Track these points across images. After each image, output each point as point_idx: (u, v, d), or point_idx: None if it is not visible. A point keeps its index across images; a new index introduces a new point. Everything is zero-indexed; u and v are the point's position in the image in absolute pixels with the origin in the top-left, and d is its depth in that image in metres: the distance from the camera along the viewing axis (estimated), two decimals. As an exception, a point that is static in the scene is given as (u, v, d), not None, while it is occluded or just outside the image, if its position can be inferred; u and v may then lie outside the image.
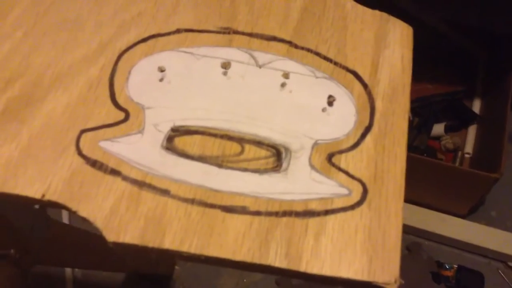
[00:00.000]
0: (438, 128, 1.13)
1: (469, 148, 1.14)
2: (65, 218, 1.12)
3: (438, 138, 1.14)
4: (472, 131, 1.16)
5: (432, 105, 1.15)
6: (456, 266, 1.03)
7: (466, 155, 1.13)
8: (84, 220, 0.34)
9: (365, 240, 0.33)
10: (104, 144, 0.37)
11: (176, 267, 1.09)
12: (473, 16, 1.12)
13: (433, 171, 0.97)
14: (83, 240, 0.79)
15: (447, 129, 1.14)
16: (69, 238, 0.76)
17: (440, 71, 1.16)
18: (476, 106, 1.20)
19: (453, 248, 1.07)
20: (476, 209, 1.10)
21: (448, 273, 1.02)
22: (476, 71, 1.23)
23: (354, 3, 0.43)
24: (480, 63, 1.23)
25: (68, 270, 1.07)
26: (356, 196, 0.34)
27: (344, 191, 0.34)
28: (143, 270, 1.00)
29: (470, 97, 1.20)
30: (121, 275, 1.08)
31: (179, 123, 0.38)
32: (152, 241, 0.33)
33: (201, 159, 0.36)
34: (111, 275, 1.08)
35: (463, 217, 1.09)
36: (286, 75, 0.39)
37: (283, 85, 0.39)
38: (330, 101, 0.38)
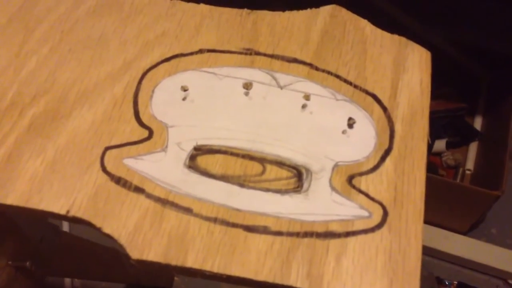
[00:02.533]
0: (440, 144, 1.14)
1: (470, 164, 1.15)
2: (65, 226, 1.12)
3: (439, 154, 1.15)
4: (473, 147, 1.17)
5: (434, 121, 1.16)
6: (456, 282, 1.03)
7: (467, 172, 1.13)
8: (108, 236, 0.35)
9: (385, 262, 0.33)
10: (128, 162, 0.37)
11: (176, 278, 1.09)
12: (476, 36, 1.13)
13: (434, 187, 0.97)
14: (89, 251, 0.80)
15: (449, 146, 1.15)
16: (76, 249, 0.76)
17: (443, 88, 1.17)
18: (478, 123, 1.21)
19: (453, 264, 1.07)
20: (477, 226, 1.11)
21: None
22: (478, 88, 1.24)
23: (373, 27, 0.44)
24: (482, 81, 1.24)
25: (67, 280, 1.07)
26: (376, 219, 0.35)
27: (364, 213, 0.35)
28: (144, 281, 1.01)
29: (472, 114, 1.21)
30: (120, 286, 1.08)
31: (201, 142, 0.38)
32: (175, 259, 0.33)
33: (223, 178, 0.37)
34: (109, 285, 1.08)
35: (463, 233, 1.09)
36: (307, 97, 0.40)
37: (304, 106, 0.40)
38: (350, 123, 0.39)
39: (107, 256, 0.86)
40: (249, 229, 0.34)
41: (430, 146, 1.13)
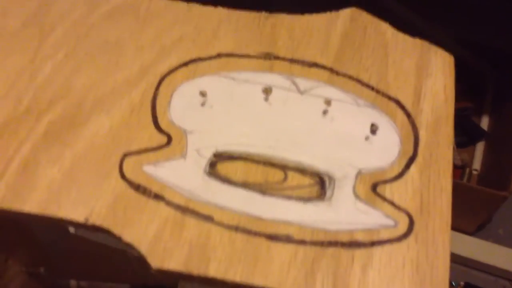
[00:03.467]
0: (446, 144, 1.13)
1: (477, 164, 1.13)
2: (71, 228, 1.12)
3: (446, 154, 1.13)
4: (480, 147, 1.16)
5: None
6: (463, 283, 1.02)
7: (474, 172, 1.12)
8: (129, 245, 0.34)
9: (413, 273, 0.32)
10: (147, 169, 0.37)
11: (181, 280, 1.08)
12: (483, 34, 1.12)
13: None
14: (97, 252, 0.79)
15: (455, 145, 1.14)
16: (84, 251, 0.76)
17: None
18: (485, 123, 1.19)
19: (460, 265, 1.06)
20: (484, 226, 1.10)
21: None
22: (485, 88, 1.23)
23: (395, 31, 0.43)
24: (489, 80, 1.23)
25: (73, 283, 1.07)
26: (402, 228, 0.34)
27: (390, 222, 0.34)
28: (151, 282, 1.01)
29: (479, 114, 1.20)
30: (126, 286, 1.07)
31: (221, 148, 0.38)
32: (196, 269, 0.33)
33: (244, 185, 0.36)
34: (115, 286, 1.08)
35: (470, 234, 1.08)
36: (328, 102, 0.39)
37: (325, 112, 0.39)
38: (373, 129, 0.38)
39: (115, 257, 0.86)
40: (272, 237, 0.34)
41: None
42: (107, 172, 0.36)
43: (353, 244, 0.33)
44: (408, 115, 0.39)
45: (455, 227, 1.04)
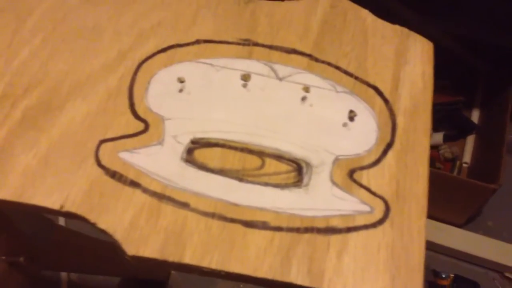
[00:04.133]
0: (437, 137, 1.14)
1: (467, 157, 1.15)
2: (61, 220, 1.11)
3: (436, 147, 1.14)
4: (470, 141, 1.17)
5: (431, 114, 1.16)
6: (453, 275, 1.03)
7: (464, 165, 1.14)
8: (103, 232, 0.34)
9: (387, 258, 0.32)
10: (123, 155, 0.36)
11: (172, 272, 1.08)
12: (474, 28, 1.13)
13: (431, 180, 0.96)
14: (85, 245, 0.79)
15: (446, 138, 1.15)
16: (72, 243, 0.75)
17: (440, 80, 1.16)
18: (475, 116, 1.21)
19: (449, 257, 1.07)
20: (473, 219, 1.11)
21: (445, 282, 1.02)
22: (476, 81, 1.24)
23: (374, 17, 0.43)
24: (480, 74, 1.24)
25: (63, 273, 1.06)
26: (378, 214, 0.34)
27: (366, 208, 0.34)
28: (141, 275, 1.00)
29: (469, 107, 1.21)
30: (116, 280, 1.07)
31: (199, 135, 0.37)
32: (172, 255, 0.33)
33: (221, 172, 0.36)
34: (106, 279, 1.07)
35: (460, 226, 1.09)
36: (306, 89, 0.39)
37: (303, 98, 0.39)
38: (351, 116, 0.38)
39: (104, 250, 0.85)
40: (248, 224, 0.34)
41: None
42: (82, 158, 0.36)
43: (329, 230, 0.33)
44: (386, 101, 0.39)
45: (445, 220, 1.06)
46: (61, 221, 1.10)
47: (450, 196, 1.00)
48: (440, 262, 1.05)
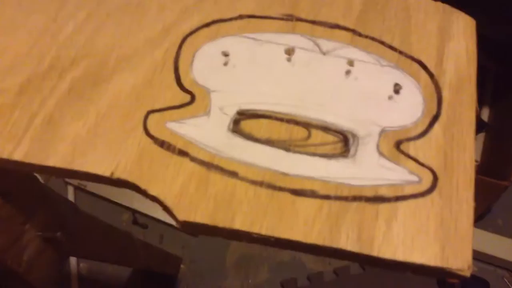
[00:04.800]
0: (446, 136, 1.13)
1: (477, 155, 1.14)
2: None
3: (446, 145, 1.14)
4: (480, 139, 1.17)
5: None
6: (462, 273, 1.02)
7: (474, 163, 1.13)
8: (154, 199, 0.34)
9: (437, 227, 0.33)
10: (171, 126, 0.37)
11: (182, 266, 1.09)
12: (483, 25, 1.12)
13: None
14: (105, 233, 0.80)
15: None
16: (94, 229, 0.76)
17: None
18: (485, 114, 1.20)
19: None
20: (483, 216, 1.10)
21: (453, 280, 1.01)
22: (486, 79, 1.23)
23: (417, -6, 0.43)
24: (490, 72, 1.23)
25: (73, 266, 1.07)
26: (426, 184, 0.34)
27: (414, 178, 0.34)
28: (153, 267, 1.00)
29: (479, 105, 1.20)
30: (126, 273, 1.08)
31: (245, 106, 0.38)
32: (222, 221, 0.33)
33: (268, 142, 0.36)
34: (115, 272, 1.08)
35: (470, 224, 1.08)
36: (351, 63, 0.39)
37: (348, 72, 0.39)
38: (397, 89, 0.38)
39: (121, 239, 0.86)
40: (297, 192, 0.34)
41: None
42: (131, 128, 0.37)
43: (378, 199, 0.34)
44: (431, 75, 0.39)
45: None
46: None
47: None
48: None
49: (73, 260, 1.08)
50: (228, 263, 1.10)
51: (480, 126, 1.16)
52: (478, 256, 1.06)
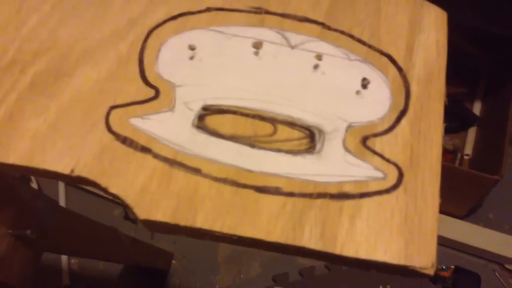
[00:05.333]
0: (438, 129, 1.13)
1: (468, 149, 1.14)
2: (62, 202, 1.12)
3: (437, 139, 1.14)
4: (472, 133, 1.17)
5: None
6: (453, 267, 1.03)
7: (466, 157, 1.13)
8: (115, 197, 0.34)
9: (401, 223, 0.32)
10: (134, 121, 0.36)
11: (173, 261, 1.08)
12: (476, 19, 1.11)
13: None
14: (88, 229, 0.79)
15: (447, 130, 1.14)
16: (76, 226, 0.75)
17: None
18: (477, 108, 1.20)
19: (450, 249, 1.07)
20: (475, 210, 1.11)
21: (445, 274, 1.02)
22: (478, 73, 1.23)
23: (388, -14, 0.42)
24: (482, 66, 1.23)
25: (64, 262, 1.06)
26: (391, 180, 0.34)
27: (379, 174, 0.34)
28: (143, 263, 1.00)
29: (471, 99, 1.21)
30: (117, 269, 1.07)
31: (210, 102, 0.37)
32: (184, 220, 0.32)
33: (233, 138, 0.35)
34: (107, 268, 1.08)
35: (461, 218, 1.09)
36: (319, 57, 0.39)
37: (316, 66, 0.38)
38: (364, 84, 0.37)
39: (107, 235, 0.85)
40: (260, 190, 0.33)
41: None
42: (93, 124, 0.36)
43: (342, 196, 0.33)
44: (400, 69, 0.38)
45: (445, 211, 1.05)
46: (62, 202, 1.11)
47: (451, 188, 1.00)
48: (440, 253, 1.05)
49: (64, 256, 1.07)
50: (219, 258, 1.10)
51: (472, 120, 1.16)
52: (469, 250, 1.06)
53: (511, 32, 1.11)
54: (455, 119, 1.17)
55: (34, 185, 1.11)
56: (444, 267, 1.03)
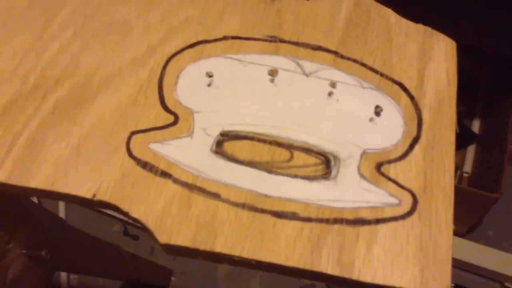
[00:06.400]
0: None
1: (468, 167, 1.15)
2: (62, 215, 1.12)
3: (437, 156, 1.14)
4: (471, 150, 1.17)
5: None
6: (453, 285, 1.03)
7: (465, 174, 1.14)
8: (136, 221, 0.34)
9: (416, 249, 0.33)
10: (154, 146, 0.37)
11: (173, 278, 1.08)
12: (474, 37, 1.13)
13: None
14: (92, 246, 0.79)
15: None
16: (80, 243, 0.76)
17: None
18: (476, 126, 1.21)
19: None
20: (474, 228, 1.11)
21: None
22: (477, 91, 1.24)
23: (398, 16, 0.44)
24: (480, 83, 1.24)
25: (63, 278, 1.06)
26: (406, 206, 0.35)
27: (394, 200, 0.35)
28: (143, 279, 1.00)
29: (470, 117, 1.22)
30: (116, 285, 1.07)
31: (228, 128, 0.38)
32: (203, 244, 0.33)
33: (250, 164, 0.36)
34: (106, 284, 1.08)
35: (461, 236, 1.09)
36: (333, 84, 0.40)
37: (330, 94, 0.40)
38: (378, 111, 0.39)
39: (109, 252, 0.86)
40: (278, 215, 0.34)
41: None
42: (114, 149, 0.37)
43: (358, 221, 0.34)
44: (412, 97, 0.39)
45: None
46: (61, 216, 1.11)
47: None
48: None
49: (63, 272, 1.07)
50: (219, 275, 1.10)
51: (471, 138, 1.17)
52: (469, 268, 1.06)
53: (508, 50, 1.13)
54: (455, 136, 1.18)
55: (34, 199, 1.12)
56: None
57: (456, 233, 1.08)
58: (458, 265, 1.06)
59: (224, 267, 1.10)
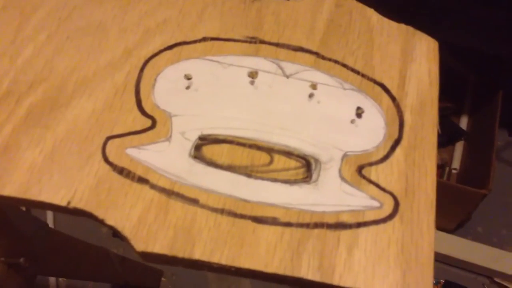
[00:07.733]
0: (425, 144, 1.15)
1: (456, 164, 1.16)
2: (50, 224, 1.11)
3: (425, 153, 1.15)
4: (459, 147, 1.18)
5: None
6: (443, 281, 1.04)
7: (453, 171, 1.14)
8: (111, 228, 0.33)
9: (398, 253, 0.32)
10: (131, 152, 0.36)
11: (163, 279, 1.08)
12: (461, 35, 1.14)
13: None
14: (78, 249, 0.78)
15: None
16: (66, 247, 0.75)
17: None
18: (464, 123, 1.22)
19: (440, 263, 1.08)
20: (463, 224, 1.12)
21: None
22: (464, 88, 1.25)
23: (380, 16, 0.43)
24: (468, 81, 1.25)
25: (52, 281, 1.05)
26: (387, 209, 0.34)
27: (375, 203, 0.34)
28: (132, 281, 0.99)
29: (458, 114, 1.22)
30: (106, 287, 1.06)
31: (207, 131, 0.37)
32: (182, 251, 0.32)
33: (230, 168, 0.36)
34: (96, 286, 1.06)
35: (450, 232, 1.10)
36: (314, 86, 0.39)
37: (311, 95, 0.39)
38: (359, 113, 0.38)
39: (97, 255, 0.85)
40: (258, 220, 0.33)
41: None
42: (89, 155, 0.36)
43: (339, 225, 0.33)
44: (393, 98, 0.39)
45: (435, 225, 1.05)
46: (50, 224, 1.10)
47: (440, 202, 1.00)
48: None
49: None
50: (209, 276, 1.09)
51: (459, 134, 1.18)
52: (458, 264, 1.07)
53: (495, 48, 1.13)
54: (443, 133, 1.18)
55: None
56: (434, 281, 1.03)
57: (445, 229, 1.08)
58: (447, 261, 1.06)
59: (215, 267, 1.10)
